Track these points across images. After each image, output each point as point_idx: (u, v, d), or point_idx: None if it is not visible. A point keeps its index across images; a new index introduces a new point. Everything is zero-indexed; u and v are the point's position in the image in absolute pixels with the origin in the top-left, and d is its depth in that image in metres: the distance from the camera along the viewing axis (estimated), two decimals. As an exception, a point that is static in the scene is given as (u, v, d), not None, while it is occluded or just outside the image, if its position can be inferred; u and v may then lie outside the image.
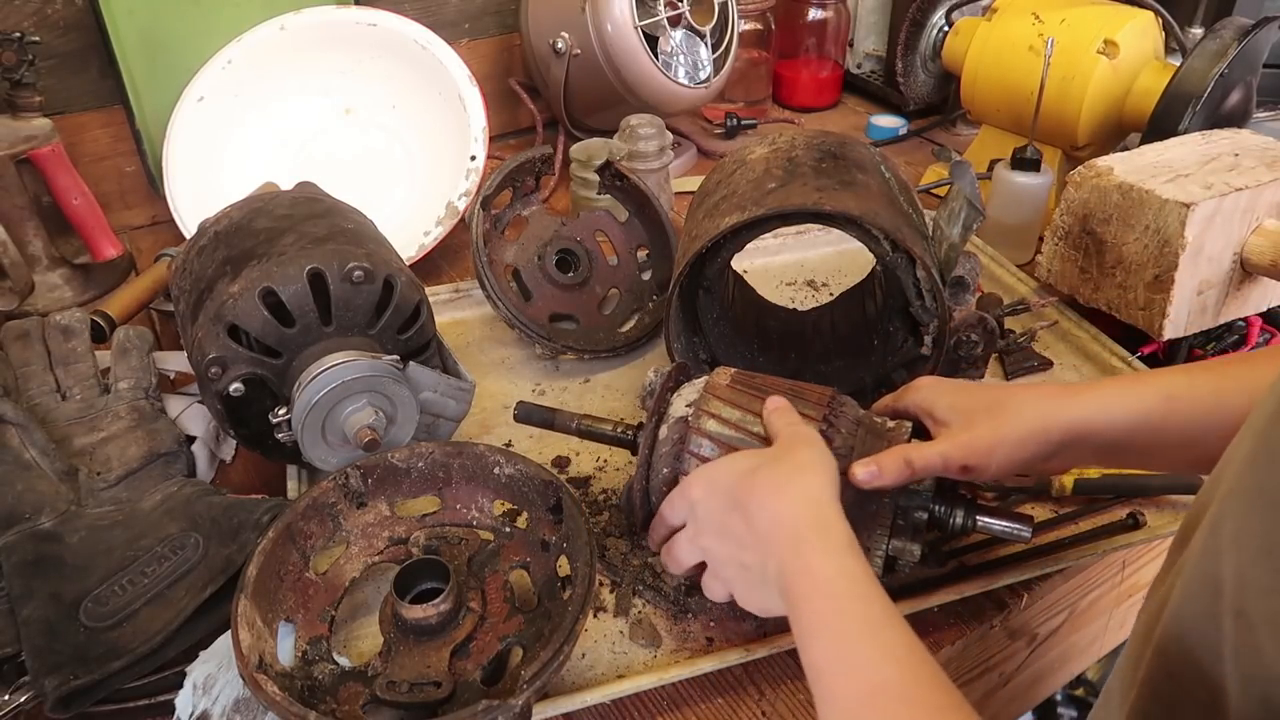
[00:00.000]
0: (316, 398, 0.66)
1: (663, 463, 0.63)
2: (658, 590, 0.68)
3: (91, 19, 1.03)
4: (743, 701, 0.62)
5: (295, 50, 1.09)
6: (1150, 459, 0.63)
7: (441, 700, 0.56)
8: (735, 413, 0.62)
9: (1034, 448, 0.59)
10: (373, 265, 0.69)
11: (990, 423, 0.59)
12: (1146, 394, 0.58)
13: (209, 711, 0.57)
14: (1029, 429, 0.59)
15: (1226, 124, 0.99)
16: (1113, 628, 0.92)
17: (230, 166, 1.08)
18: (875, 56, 1.57)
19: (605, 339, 0.93)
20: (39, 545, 0.65)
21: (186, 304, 0.73)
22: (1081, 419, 0.59)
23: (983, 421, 0.60)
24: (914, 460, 0.58)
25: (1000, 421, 0.59)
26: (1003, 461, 0.59)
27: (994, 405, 0.61)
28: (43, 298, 0.98)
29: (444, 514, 0.68)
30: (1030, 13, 1.12)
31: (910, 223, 0.74)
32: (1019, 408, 0.60)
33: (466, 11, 1.30)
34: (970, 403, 0.62)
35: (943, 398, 0.63)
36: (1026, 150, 1.03)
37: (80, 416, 0.76)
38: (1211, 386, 0.57)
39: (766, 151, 0.79)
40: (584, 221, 0.96)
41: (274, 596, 0.60)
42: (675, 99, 1.21)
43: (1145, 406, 0.58)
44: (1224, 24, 0.99)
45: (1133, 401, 0.58)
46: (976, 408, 0.61)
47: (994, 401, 0.61)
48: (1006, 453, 0.59)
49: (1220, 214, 0.83)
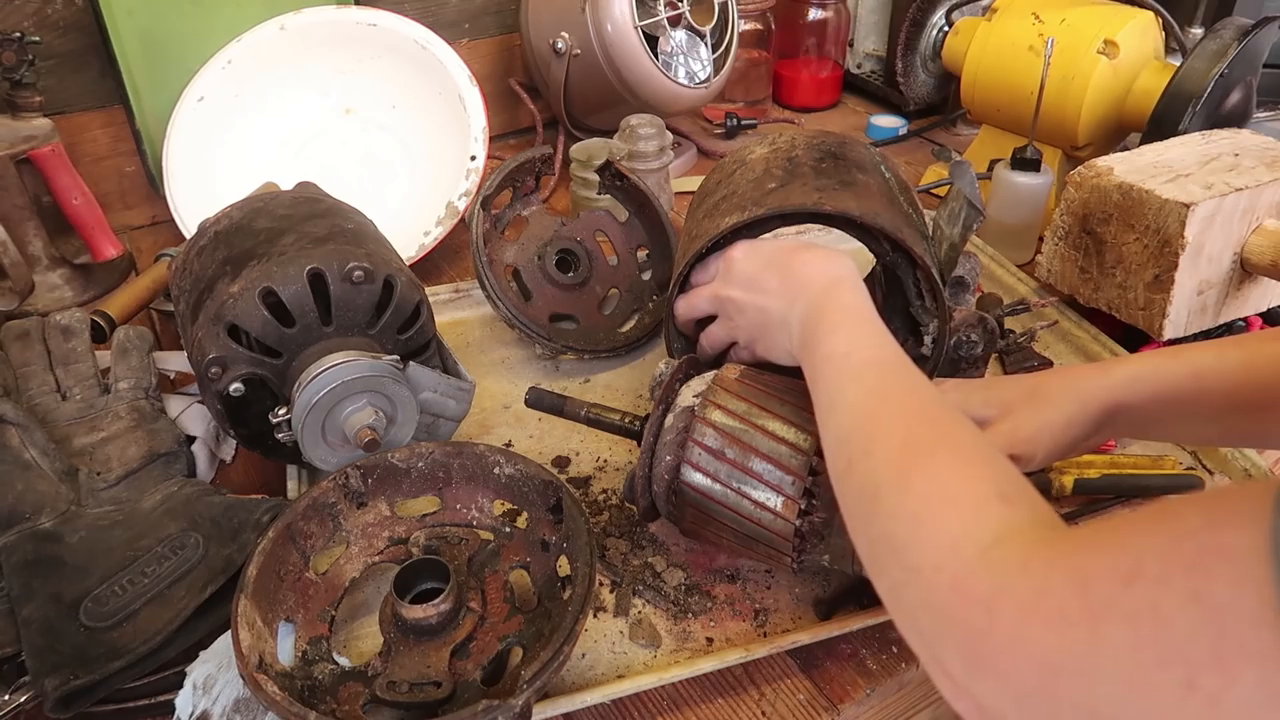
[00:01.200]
0: (316, 398, 0.66)
1: (666, 450, 0.63)
2: (658, 590, 0.68)
3: (91, 19, 1.03)
4: (743, 701, 0.62)
5: (295, 50, 1.09)
6: (1181, 432, 0.64)
7: (441, 700, 0.56)
8: (742, 405, 0.63)
9: (1077, 429, 0.59)
10: (373, 265, 0.69)
11: (1030, 410, 0.60)
12: (1176, 369, 0.58)
13: (209, 711, 0.57)
14: (1071, 411, 0.59)
15: (1226, 124, 0.99)
16: (1113, 628, 0.92)
17: (230, 166, 1.08)
18: (875, 56, 1.56)
19: (605, 339, 0.93)
20: (39, 545, 0.65)
21: (186, 304, 0.73)
22: (1114, 397, 0.59)
23: (1022, 409, 0.60)
24: None
25: (1041, 407, 0.59)
26: (1049, 446, 0.59)
27: (1030, 393, 0.61)
28: (43, 298, 0.98)
29: (444, 514, 0.68)
30: (1030, 13, 1.12)
31: (910, 223, 0.74)
32: (1057, 391, 0.60)
33: (466, 11, 1.30)
34: (1005, 394, 0.62)
35: (975, 394, 0.63)
36: (1026, 150, 1.03)
37: (80, 416, 0.76)
38: (1240, 361, 0.57)
39: (766, 151, 0.79)
40: (584, 221, 0.96)
41: (274, 596, 0.60)
42: (675, 99, 1.21)
43: (1175, 382, 0.58)
44: (1224, 24, 0.99)
45: (1163, 377, 0.58)
46: (1013, 398, 0.61)
47: (1029, 389, 0.61)
48: (1052, 437, 0.59)
49: (1220, 214, 0.83)
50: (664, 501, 0.65)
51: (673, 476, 0.63)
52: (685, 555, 0.71)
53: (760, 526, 0.61)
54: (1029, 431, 0.59)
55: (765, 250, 0.65)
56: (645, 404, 0.87)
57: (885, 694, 0.65)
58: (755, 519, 0.61)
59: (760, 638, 0.65)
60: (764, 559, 0.64)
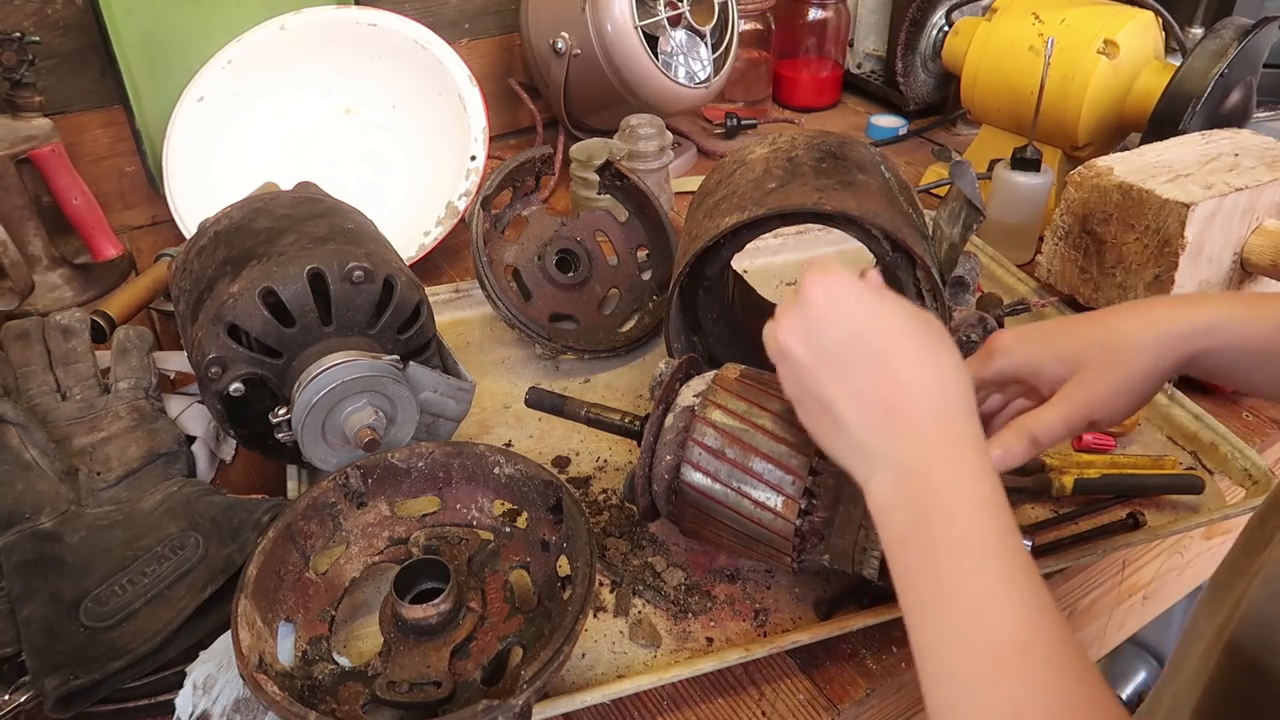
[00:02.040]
0: (316, 398, 0.66)
1: (666, 450, 0.63)
2: (658, 590, 0.68)
3: (91, 19, 1.03)
4: (743, 701, 0.62)
5: (295, 50, 1.09)
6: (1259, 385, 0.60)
7: (441, 700, 0.56)
8: (742, 404, 0.63)
9: (1154, 381, 0.56)
10: (373, 265, 0.69)
11: (1106, 366, 0.56)
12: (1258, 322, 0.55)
13: (209, 711, 0.57)
14: (1149, 366, 0.55)
15: (1226, 124, 0.99)
16: (1113, 628, 0.92)
17: (230, 166, 1.08)
18: (875, 56, 1.56)
19: (605, 339, 0.93)
20: (39, 545, 0.65)
21: (186, 304, 0.73)
22: (1191, 347, 0.55)
23: (1097, 366, 0.56)
24: (1038, 434, 0.55)
25: (1118, 364, 0.55)
26: (1127, 405, 0.56)
27: (1103, 345, 0.56)
28: (43, 298, 0.98)
29: (444, 514, 0.68)
30: (1030, 13, 1.12)
31: (910, 223, 0.74)
32: (1132, 343, 0.55)
33: (466, 11, 1.30)
34: (1075, 345, 0.57)
35: (1044, 350, 0.58)
36: (1026, 150, 1.03)
37: (80, 416, 0.76)
38: None
39: (766, 151, 0.79)
40: (584, 221, 0.96)
41: (274, 596, 0.60)
42: (675, 99, 1.21)
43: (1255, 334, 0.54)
44: (1224, 24, 0.99)
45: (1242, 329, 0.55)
46: (1085, 350, 0.56)
47: (1100, 341, 0.56)
48: (1130, 397, 0.56)
49: (1220, 214, 0.83)
50: (664, 501, 0.65)
51: (673, 476, 0.63)
52: (685, 555, 0.71)
53: (760, 526, 0.61)
54: (1107, 392, 0.55)
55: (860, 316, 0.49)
56: (645, 404, 0.87)
57: (885, 694, 0.65)
58: (755, 519, 0.61)
59: (760, 638, 0.65)
60: (764, 559, 0.64)
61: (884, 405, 0.47)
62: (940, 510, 0.44)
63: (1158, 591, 0.97)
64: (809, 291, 0.50)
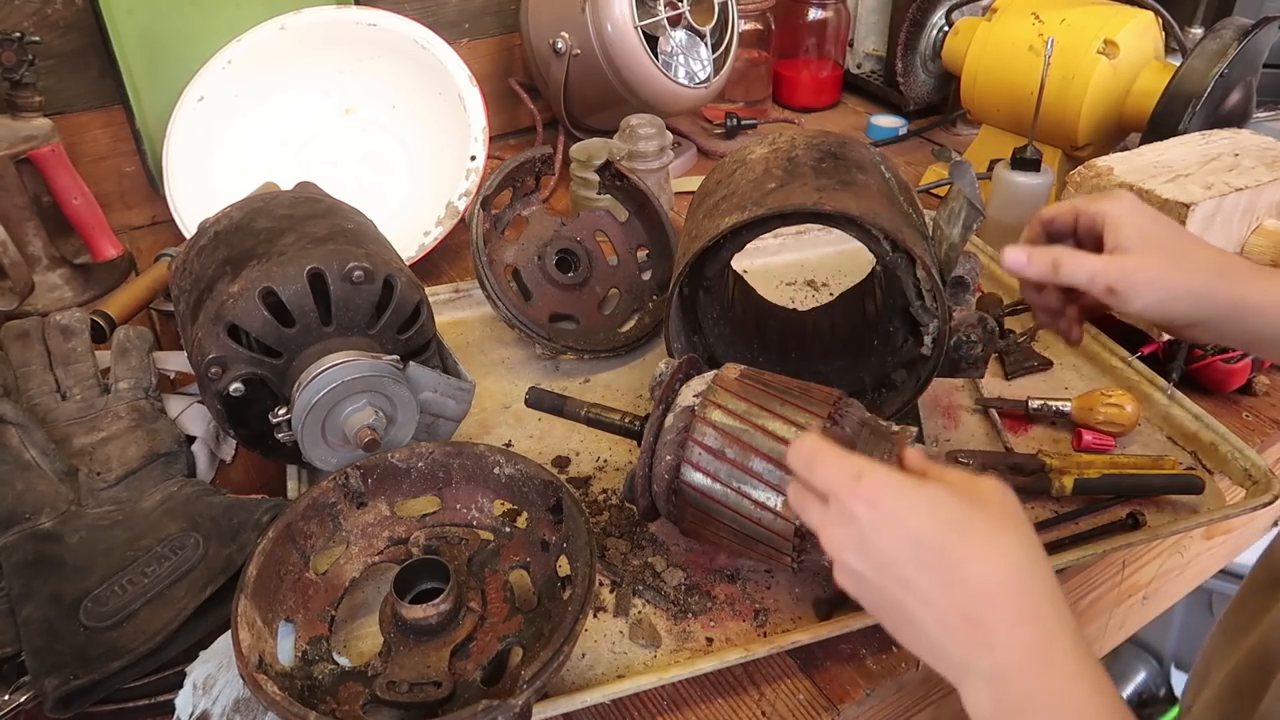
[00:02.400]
0: (316, 398, 0.66)
1: (666, 450, 0.63)
2: (658, 590, 0.68)
3: (91, 19, 1.03)
4: (743, 701, 0.62)
5: (295, 50, 1.09)
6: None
7: (441, 700, 0.56)
8: (742, 404, 0.63)
9: (1188, 305, 0.58)
10: (373, 265, 0.69)
11: (1164, 259, 0.58)
12: None
13: (209, 711, 0.57)
14: (1197, 285, 0.57)
15: (1226, 124, 0.99)
16: (1113, 628, 0.92)
17: (230, 166, 1.08)
18: (875, 56, 1.57)
19: (605, 339, 0.93)
20: (39, 545, 0.65)
21: (186, 304, 0.73)
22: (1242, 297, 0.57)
23: (1157, 253, 0.58)
24: (1063, 263, 0.58)
25: (1175, 263, 0.58)
26: (1151, 303, 0.58)
27: (1177, 246, 0.59)
28: (43, 298, 0.98)
29: (444, 514, 0.68)
30: (1030, 13, 1.12)
31: (910, 223, 0.74)
32: (1201, 262, 0.58)
33: (466, 11, 1.30)
34: (1158, 232, 0.60)
35: (1137, 217, 0.60)
36: (1026, 150, 1.03)
37: (80, 416, 0.76)
38: None
39: (766, 151, 0.79)
40: (584, 221, 0.96)
41: (274, 596, 0.60)
42: (675, 99, 1.21)
43: None
44: (1224, 24, 0.99)
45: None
46: (1161, 240, 0.59)
47: (1181, 247, 0.59)
48: (1161, 298, 0.57)
49: (1220, 214, 0.83)
50: (664, 501, 0.65)
51: (673, 476, 0.63)
52: (685, 555, 0.71)
53: (760, 526, 0.61)
54: (1146, 277, 0.57)
55: (912, 523, 0.44)
56: (645, 404, 0.87)
57: (885, 694, 0.65)
58: (755, 519, 0.61)
59: (760, 638, 0.65)
60: (764, 559, 0.64)
61: (960, 614, 0.43)
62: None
63: (1158, 591, 0.97)
64: (851, 507, 0.45)
